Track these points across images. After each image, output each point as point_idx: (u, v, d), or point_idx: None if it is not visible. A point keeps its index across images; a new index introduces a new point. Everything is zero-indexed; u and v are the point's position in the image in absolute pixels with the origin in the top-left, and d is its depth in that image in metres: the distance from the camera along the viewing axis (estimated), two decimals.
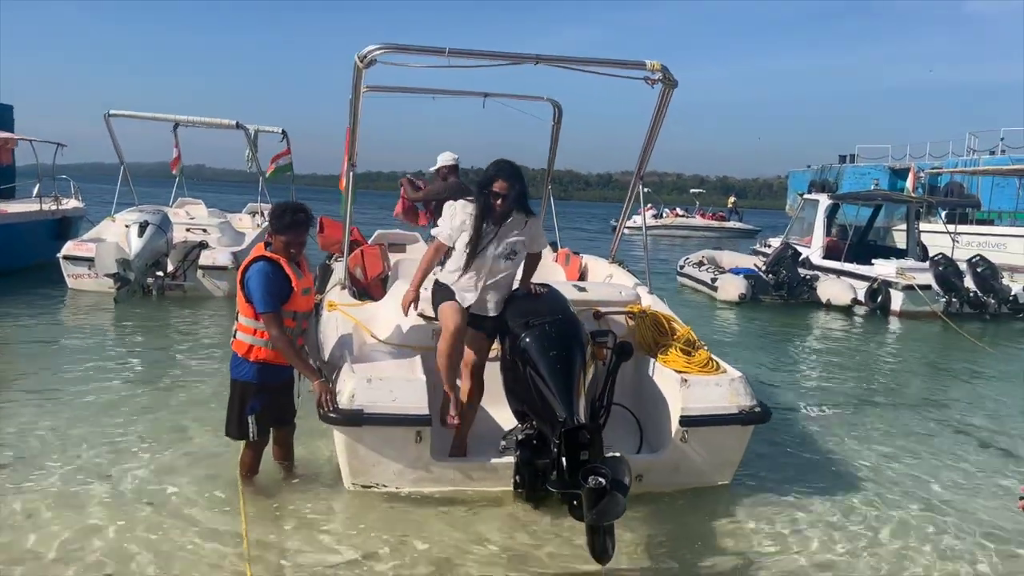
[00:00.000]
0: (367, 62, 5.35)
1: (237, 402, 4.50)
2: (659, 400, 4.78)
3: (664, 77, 5.60)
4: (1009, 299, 13.56)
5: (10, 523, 4.16)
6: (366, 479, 4.50)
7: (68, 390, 6.58)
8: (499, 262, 4.59)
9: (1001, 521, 4.76)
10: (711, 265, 16.44)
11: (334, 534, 4.22)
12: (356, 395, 4.28)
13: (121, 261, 10.44)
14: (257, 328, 4.38)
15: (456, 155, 8.66)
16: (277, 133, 16.73)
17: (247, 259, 4.49)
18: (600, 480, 3.45)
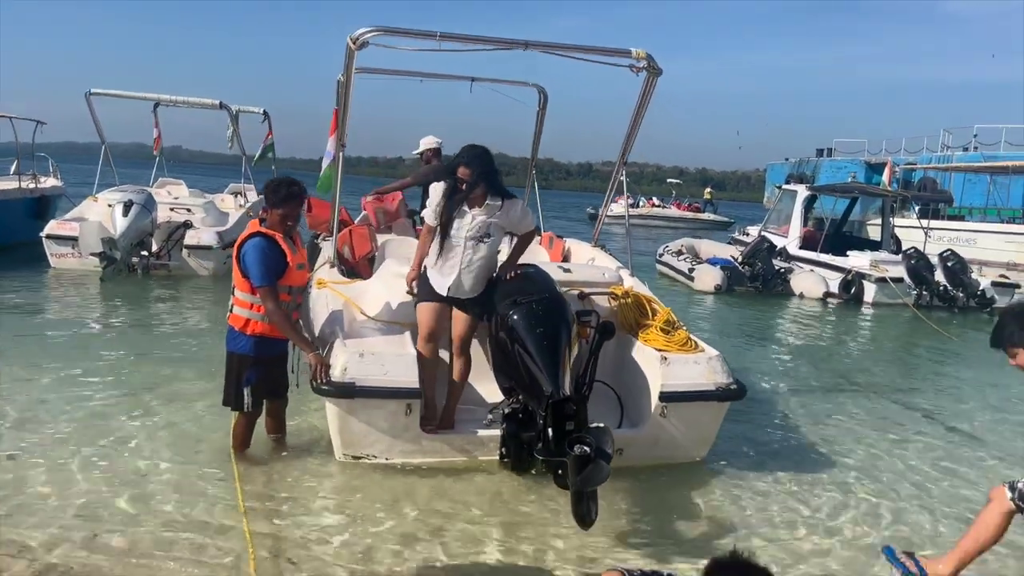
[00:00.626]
0: (359, 44, 5.45)
1: (234, 374, 4.63)
2: (640, 377, 4.96)
3: (649, 65, 5.75)
4: (977, 293, 13.93)
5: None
6: (357, 450, 4.65)
7: (53, 365, 6.64)
8: (473, 245, 4.71)
9: (961, 495, 5.02)
10: (689, 254, 16.68)
11: (326, 500, 4.38)
12: (348, 368, 4.42)
13: (107, 240, 10.47)
14: (253, 302, 4.51)
15: (439, 139, 8.82)
16: (258, 114, 16.71)
17: (243, 235, 4.61)
18: (585, 448, 3.63)
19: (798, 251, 16.05)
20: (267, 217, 4.61)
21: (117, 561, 3.59)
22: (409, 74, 8.50)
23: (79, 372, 6.50)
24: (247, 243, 4.50)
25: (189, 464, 4.74)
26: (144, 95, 14.48)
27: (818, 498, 4.87)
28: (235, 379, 4.63)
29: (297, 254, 4.66)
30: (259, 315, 4.52)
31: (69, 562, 3.55)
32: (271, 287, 4.42)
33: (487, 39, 5.58)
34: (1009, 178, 26.51)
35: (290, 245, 4.59)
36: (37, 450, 4.82)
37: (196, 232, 11.73)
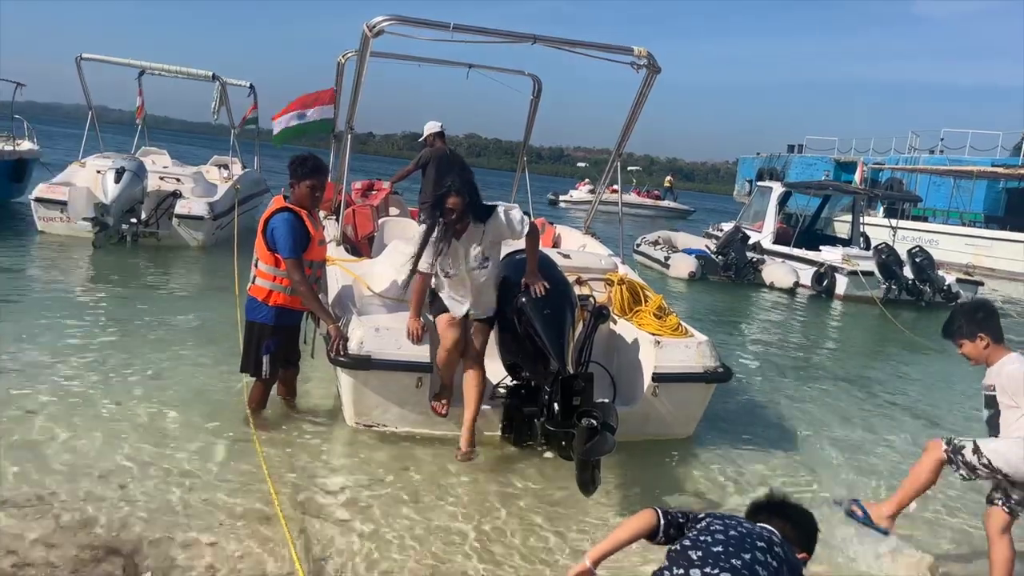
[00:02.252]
0: (376, 32, 5.69)
1: (255, 342, 4.86)
2: (633, 359, 5.30)
3: (649, 63, 6.07)
4: (943, 288, 14.50)
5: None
6: (368, 419, 4.93)
7: (47, 328, 6.79)
8: (476, 273, 4.65)
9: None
10: (665, 245, 17.17)
11: (339, 462, 4.67)
12: (365, 342, 4.70)
13: (99, 206, 10.55)
14: (276, 275, 4.75)
15: (441, 123, 9.10)
16: (244, 87, 16.70)
17: (269, 209, 4.84)
18: (592, 421, 3.97)
19: (772, 246, 16.56)
20: (293, 192, 4.83)
21: (145, 516, 3.80)
22: (409, 59, 8.73)
23: (77, 335, 6.68)
24: (275, 217, 4.73)
25: (204, 424, 4.98)
26: (137, 62, 14.39)
27: (791, 468, 5.36)
28: (255, 347, 4.86)
29: (319, 230, 4.91)
30: (281, 287, 4.76)
31: (99, 516, 3.74)
32: (298, 259, 4.66)
33: (498, 32, 5.86)
34: (972, 182, 27.42)
35: (313, 221, 4.84)
36: (50, 408, 4.99)
37: (187, 202, 11.83)
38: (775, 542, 2.44)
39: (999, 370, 3.71)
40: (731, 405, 6.62)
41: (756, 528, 2.50)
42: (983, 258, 22.53)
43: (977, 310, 3.89)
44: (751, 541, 2.39)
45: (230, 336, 6.47)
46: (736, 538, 2.40)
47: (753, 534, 2.44)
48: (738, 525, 2.49)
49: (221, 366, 6.13)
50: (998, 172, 26.65)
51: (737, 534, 2.42)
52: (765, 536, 2.45)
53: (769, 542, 2.42)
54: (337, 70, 8.90)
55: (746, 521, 2.57)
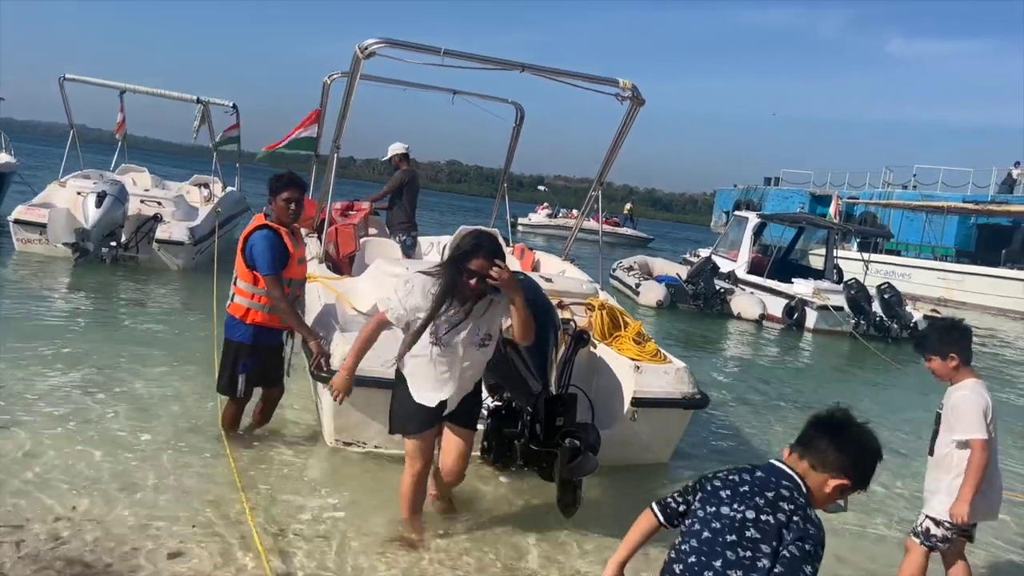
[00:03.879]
0: (367, 54, 5.80)
1: (231, 361, 4.85)
2: (612, 383, 5.36)
3: (634, 95, 6.22)
4: (910, 325, 14.72)
5: None
6: (348, 436, 4.94)
7: (26, 346, 6.71)
8: (473, 352, 3.86)
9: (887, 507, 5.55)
10: (640, 271, 17.32)
11: (316, 481, 4.68)
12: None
13: (79, 231, 10.51)
14: (255, 292, 4.75)
15: (406, 144, 9.29)
16: (227, 107, 16.71)
17: (249, 227, 4.84)
18: (576, 441, 4.01)
19: (746, 275, 16.77)
20: (272, 208, 4.85)
21: (117, 533, 3.79)
22: (395, 83, 8.84)
23: (49, 354, 6.62)
24: (255, 234, 4.74)
25: (178, 443, 4.97)
26: (120, 84, 14.37)
27: None
28: (231, 366, 4.85)
29: (299, 248, 4.94)
30: (259, 304, 4.76)
31: (68, 533, 3.73)
32: (277, 276, 4.68)
33: (487, 59, 5.99)
34: (944, 218, 27.95)
35: (292, 240, 4.87)
36: (23, 425, 4.94)
37: (167, 226, 11.75)
38: (783, 496, 2.24)
39: (952, 392, 3.82)
40: (706, 432, 6.70)
41: (756, 489, 2.27)
42: (954, 292, 22.93)
43: (952, 329, 3.97)
44: (741, 520, 2.22)
45: (207, 356, 6.47)
46: (728, 521, 2.24)
47: (748, 503, 2.25)
48: (733, 500, 2.28)
49: (197, 386, 6.12)
50: (968, 208, 27.22)
51: (728, 519, 2.25)
52: (768, 495, 2.25)
53: (774, 498, 2.24)
54: (322, 90, 9.01)
55: (748, 476, 2.33)
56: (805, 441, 2.36)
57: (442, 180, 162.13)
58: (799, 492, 2.28)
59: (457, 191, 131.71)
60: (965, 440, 3.60)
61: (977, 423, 3.63)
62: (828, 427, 2.35)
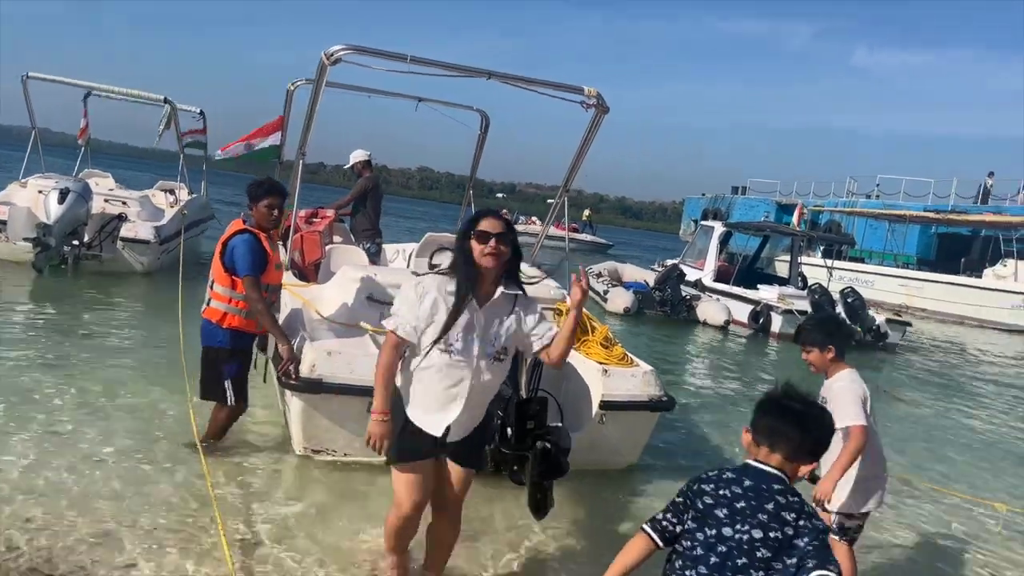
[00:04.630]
0: (333, 60, 5.78)
1: (214, 368, 4.82)
2: (581, 387, 5.40)
3: (598, 103, 6.27)
4: (873, 328, 15.01)
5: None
6: (317, 444, 4.92)
7: None
8: (486, 363, 3.21)
9: None
10: (609, 277, 17.45)
11: (284, 489, 4.65)
12: (317, 365, 4.71)
13: (41, 226, 10.31)
14: (232, 297, 4.74)
15: (368, 151, 9.32)
16: (195, 113, 16.55)
17: (230, 231, 4.83)
18: (547, 444, 4.05)
19: (713, 283, 16.98)
20: (252, 214, 4.85)
21: (87, 541, 3.76)
22: (360, 89, 8.80)
23: (12, 358, 6.52)
24: (236, 238, 4.74)
25: (145, 449, 4.92)
26: (85, 83, 14.14)
27: None
28: (216, 373, 4.81)
29: (275, 254, 4.94)
30: (237, 309, 4.75)
31: (33, 541, 3.68)
32: (256, 278, 4.66)
33: (453, 66, 6.00)
34: (906, 226, 28.56)
35: (271, 245, 4.86)
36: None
37: (132, 225, 11.63)
38: (781, 505, 2.22)
39: (831, 384, 3.92)
40: (673, 434, 6.78)
41: (753, 504, 2.24)
42: (915, 299, 23.40)
43: (830, 322, 4.18)
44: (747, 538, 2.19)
45: (174, 361, 6.41)
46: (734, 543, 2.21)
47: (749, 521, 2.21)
48: (733, 521, 2.22)
49: (163, 391, 6.06)
50: (929, 217, 27.80)
51: (733, 541, 2.21)
52: (768, 508, 2.23)
53: (775, 510, 2.21)
54: (286, 98, 8.94)
55: (740, 489, 2.28)
56: (771, 431, 2.36)
57: (413, 187, 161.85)
58: (790, 491, 2.28)
59: (429, 198, 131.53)
60: (846, 427, 3.69)
61: (856, 410, 3.74)
62: (793, 416, 2.36)
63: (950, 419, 9.43)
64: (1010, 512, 5.70)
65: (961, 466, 7.27)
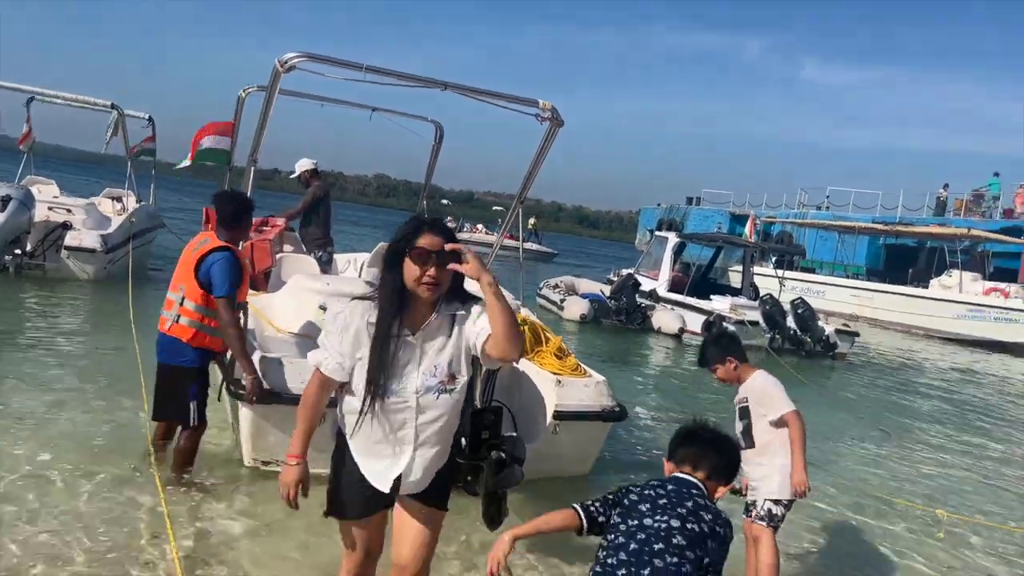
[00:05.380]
0: (287, 68, 5.72)
1: (175, 387, 4.62)
2: (534, 397, 5.41)
3: (553, 117, 6.32)
4: (822, 339, 15.32)
5: None
6: (268, 455, 4.85)
7: None
8: (431, 400, 2.70)
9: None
10: (565, 289, 17.62)
11: (233, 502, 4.56)
12: (268, 375, 4.64)
13: None
14: (205, 315, 4.57)
15: (314, 160, 9.28)
16: (143, 119, 16.24)
17: (208, 247, 4.60)
18: (501, 454, 4.04)
19: (667, 293, 17.18)
20: (224, 232, 4.69)
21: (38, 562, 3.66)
22: (312, 97, 8.71)
23: None
24: (216, 254, 4.54)
25: (93, 467, 4.78)
26: (29, 88, 13.79)
27: None
28: (179, 393, 4.62)
29: (249, 271, 4.85)
30: (208, 328, 4.59)
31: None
32: (233, 298, 4.52)
33: (409, 76, 5.98)
34: (856, 237, 29.20)
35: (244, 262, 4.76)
36: None
37: (78, 233, 11.36)
38: (700, 505, 2.44)
39: (750, 384, 4.10)
40: (625, 444, 6.84)
41: (675, 500, 2.43)
42: (865, 308, 23.94)
43: (722, 337, 4.37)
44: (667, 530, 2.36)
45: (125, 376, 6.29)
46: (653, 531, 2.36)
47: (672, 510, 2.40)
48: (654, 513, 2.40)
49: (111, 406, 5.93)
50: (877, 228, 28.49)
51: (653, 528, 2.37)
52: (688, 505, 2.43)
53: (694, 507, 2.42)
54: (237, 104, 8.81)
55: (663, 490, 2.48)
56: (693, 458, 2.60)
57: (370, 194, 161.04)
58: (708, 499, 2.51)
59: (386, 205, 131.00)
60: (780, 417, 3.90)
61: (785, 397, 3.99)
62: (712, 443, 2.63)
63: (895, 426, 9.65)
64: (950, 518, 5.86)
65: (904, 472, 7.44)
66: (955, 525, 5.89)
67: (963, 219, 29.31)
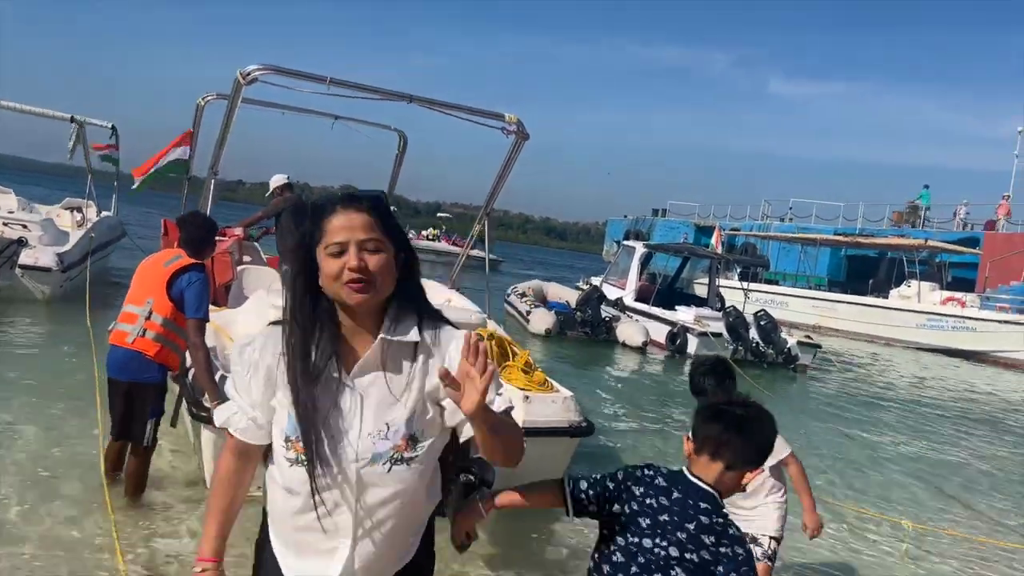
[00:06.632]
0: (249, 80, 5.67)
1: (136, 405, 4.45)
2: None
3: (518, 130, 6.32)
4: (784, 351, 15.47)
5: None
6: None
7: None
8: (381, 476, 1.83)
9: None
10: (534, 297, 17.52)
11: (194, 526, 4.43)
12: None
13: None
14: (171, 331, 4.42)
15: (287, 175, 9.21)
16: (106, 128, 15.96)
17: (181, 263, 4.47)
18: (470, 477, 3.97)
19: (633, 303, 17.25)
20: (189, 252, 4.57)
21: None
22: (273, 106, 8.63)
23: None
24: (192, 274, 4.41)
25: (46, 487, 4.67)
26: None
27: None
28: (139, 411, 4.45)
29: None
30: (173, 344, 4.46)
31: None
32: (206, 321, 4.41)
33: (374, 89, 5.96)
34: (818, 249, 29.65)
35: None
36: None
37: (33, 251, 10.98)
38: (703, 526, 2.16)
39: None
40: (592, 458, 6.80)
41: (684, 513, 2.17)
42: (828, 319, 24.26)
43: (717, 365, 4.05)
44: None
45: (80, 394, 6.12)
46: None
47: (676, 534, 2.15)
48: (654, 534, 2.17)
49: (67, 427, 5.77)
50: (839, 240, 28.95)
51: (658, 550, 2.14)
52: (689, 528, 2.16)
53: (696, 531, 2.15)
54: (196, 112, 8.69)
55: (667, 499, 2.21)
56: (716, 440, 2.25)
57: None
58: (717, 511, 2.20)
59: None
60: (781, 460, 3.77)
61: (784, 442, 3.79)
62: (736, 423, 2.26)
63: (858, 437, 9.76)
64: (915, 529, 5.91)
65: (869, 483, 7.51)
66: (921, 535, 5.94)
67: (919, 230, 29.89)
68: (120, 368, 4.44)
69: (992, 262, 25.03)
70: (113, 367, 4.47)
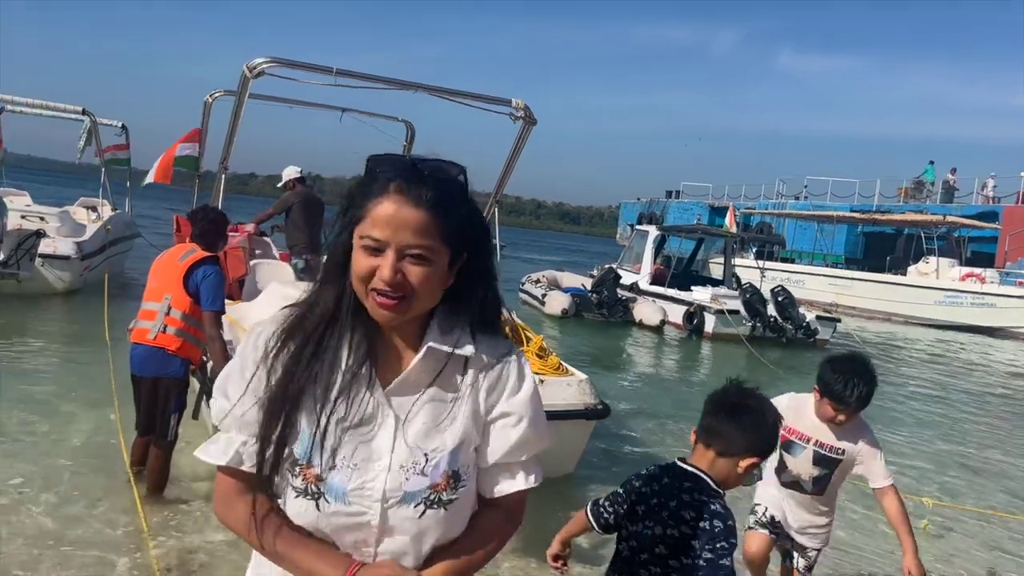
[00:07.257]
0: (256, 73, 5.65)
1: (161, 399, 4.51)
2: None
3: (526, 115, 6.28)
4: (803, 325, 15.41)
5: None
6: None
7: None
8: (412, 519, 1.39)
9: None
10: (548, 283, 17.60)
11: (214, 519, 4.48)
12: None
13: None
14: (191, 325, 4.46)
15: (300, 168, 9.21)
16: (116, 127, 16.02)
17: (196, 257, 4.50)
18: None
19: (649, 287, 17.22)
20: (202, 246, 4.61)
21: None
22: (281, 100, 8.60)
23: None
24: (208, 267, 4.45)
25: (72, 484, 4.71)
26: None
27: None
28: (162, 405, 4.50)
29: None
30: (193, 338, 4.49)
31: None
32: (221, 313, 4.44)
33: (381, 79, 5.93)
34: (834, 226, 29.42)
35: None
36: None
37: (52, 241, 11.15)
38: (684, 503, 2.21)
39: (859, 444, 3.70)
40: (610, 441, 6.81)
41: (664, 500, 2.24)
42: (844, 297, 24.09)
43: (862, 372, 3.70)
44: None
45: (102, 388, 6.18)
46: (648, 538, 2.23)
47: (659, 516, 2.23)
48: (645, 517, 2.26)
49: (87, 421, 5.83)
50: (856, 217, 28.70)
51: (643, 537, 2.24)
52: (671, 506, 2.22)
53: (676, 508, 2.21)
54: (204, 109, 8.70)
55: (657, 485, 2.30)
56: (708, 429, 2.33)
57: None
58: (701, 491, 2.22)
59: None
60: (879, 488, 3.51)
61: (883, 472, 3.60)
62: (727, 411, 2.31)
63: (877, 414, 9.70)
64: (936, 506, 5.88)
65: (890, 460, 7.46)
66: (941, 511, 5.91)
67: (916, 204, 29.51)
68: (143, 365, 4.50)
69: (1012, 236, 24.76)
70: (136, 364, 4.53)
